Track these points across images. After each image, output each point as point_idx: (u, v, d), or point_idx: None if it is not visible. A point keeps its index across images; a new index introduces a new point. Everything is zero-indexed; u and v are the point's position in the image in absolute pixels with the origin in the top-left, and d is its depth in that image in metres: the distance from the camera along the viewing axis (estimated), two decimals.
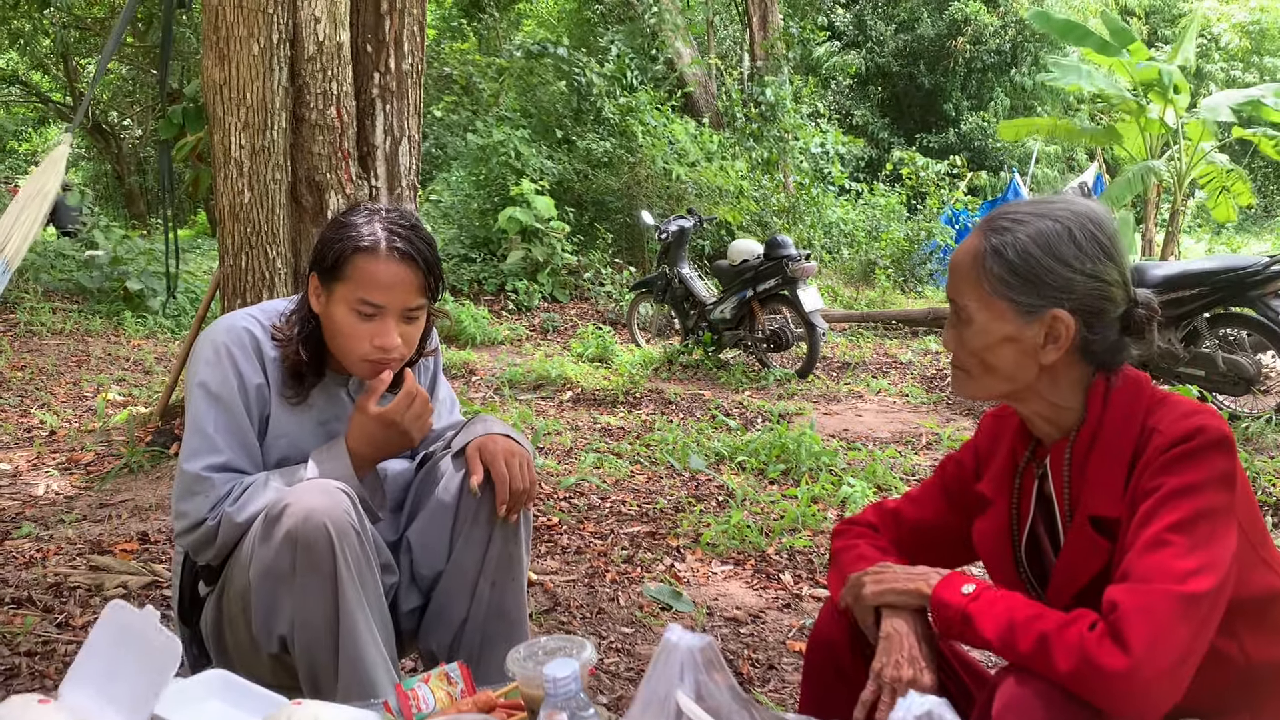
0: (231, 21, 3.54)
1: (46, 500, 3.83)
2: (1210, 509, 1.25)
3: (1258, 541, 1.31)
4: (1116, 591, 1.24)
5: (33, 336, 7.95)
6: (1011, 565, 1.53)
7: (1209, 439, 1.27)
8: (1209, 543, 1.24)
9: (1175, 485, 1.27)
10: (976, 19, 18.12)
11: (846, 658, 1.54)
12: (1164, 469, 1.29)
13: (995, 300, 1.37)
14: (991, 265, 1.37)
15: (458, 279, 10.50)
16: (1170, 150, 11.66)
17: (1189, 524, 1.24)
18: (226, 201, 3.71)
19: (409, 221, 1.80)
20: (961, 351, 1.43)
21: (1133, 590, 1.23)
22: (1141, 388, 1.40)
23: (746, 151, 12.50)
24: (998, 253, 1.37)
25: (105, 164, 21.60)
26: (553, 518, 3.69)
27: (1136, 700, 1.19)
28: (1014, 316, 1.36)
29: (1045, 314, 1.35)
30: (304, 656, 1.69)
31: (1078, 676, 1.20)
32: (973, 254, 1.39)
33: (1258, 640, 1.31)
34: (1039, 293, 1.35)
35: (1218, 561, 1.23)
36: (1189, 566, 1.22)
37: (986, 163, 17.44)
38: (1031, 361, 1.38)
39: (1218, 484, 1.27)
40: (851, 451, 4.85)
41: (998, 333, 1.37)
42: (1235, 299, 5.07)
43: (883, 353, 8.25)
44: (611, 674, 2.51)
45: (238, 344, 1.80)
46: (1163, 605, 1.21)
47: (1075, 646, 1.21)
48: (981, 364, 1.41)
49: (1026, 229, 1.36)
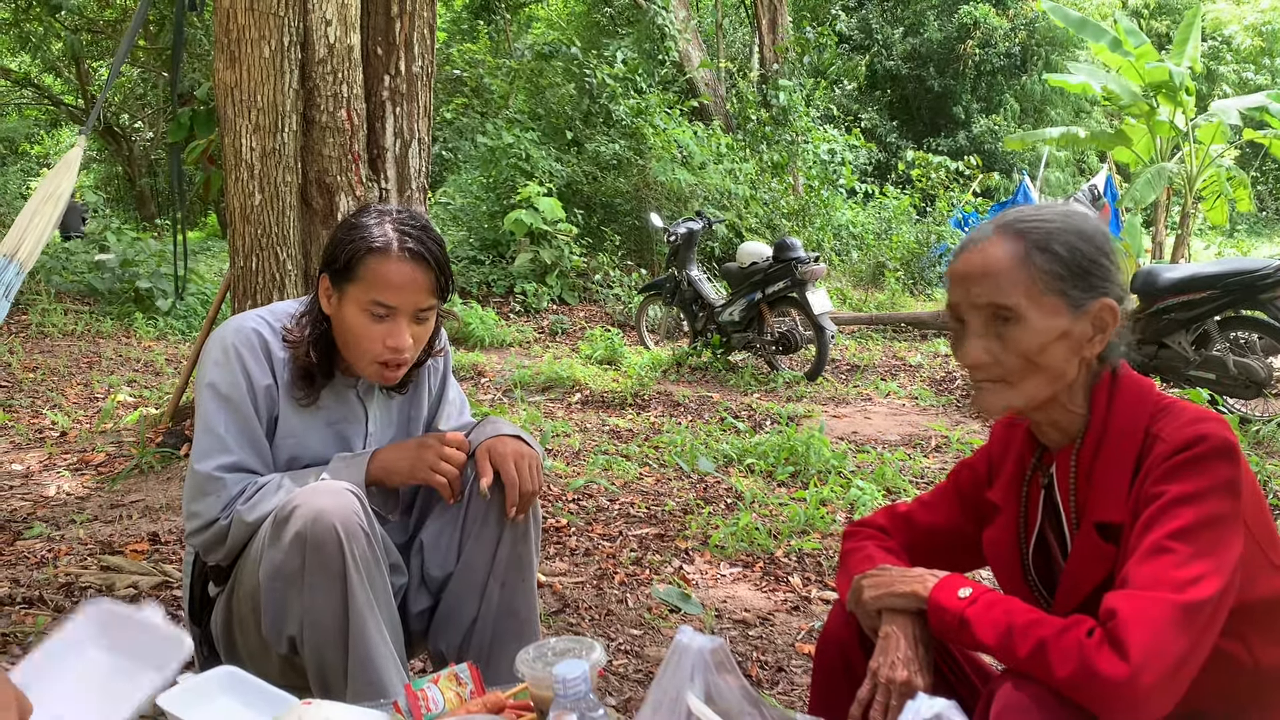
0: (243, 24, 3.56)
1: (58, 500, 3.85)
2: (1213, 516, 1.25)
3: (1267, 545, 1.31)
4: (1115, 598, 1.24)
5: (44, 338, 8.00)
6: (1020, 573, 1.53)
7: (1212, 446, 1.27)
8: (1211, 551, 1.23)
9: (1177, 493, 1.26)
10: (986, 22, 18.07)
11: (856, 658, 1.54)
12: (1166, 476, 1.28)
13: (1048, 297, 1.35)
14: (1041, 261, 1.35)
15: (466, 281, 10.52)
16: (1180, 153, 11.63)
17: (1190, 532, 1.24)
18: (237, 203, 3.72)
19: (419, 222, 1.80)
20: (1006, 357, 1.38)
21: (1131, 597, 1.23)
22: (1145, 392, 1.40)
23: (756, 155, 12.50)
24: (1044, 249, 1.36)
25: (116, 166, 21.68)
26: (561, 519, 3.69)
27: (1133, 707, 1.18)
28: (1067, 310, 1.36)
29: (1093, 305, 1.36)
30: (313, 657, 1.69)
31: (1075, 683, 1.20)
32: (1012, 255, 1.37)
33: (1266, 643, 1.31)
34: (1089, 284, 1.36)
35: (1219, 569, 1.23)
36: (1189, 574, 1.21)
37: (997, 165, 17.37)
38: (1076, 357, 1.38)
39: (1221, 491, 1.26)
40: (860, 454, 4.84)
41: (1053, 329, 1.35)
42: (1246, 302, 5.04)
43: (892, 355, 8.24)
44: (620, 675, 2.51)
45: (246, 345, 1.81)
46: (1162, 613, 1.20)
47: (1073, 653, 1.21)
48: (1029, 366, 1.37)
49: (1059, 224, 1.37)
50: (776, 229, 11.53)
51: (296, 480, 1.79)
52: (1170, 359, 5.30)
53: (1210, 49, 21.01)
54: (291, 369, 1.84)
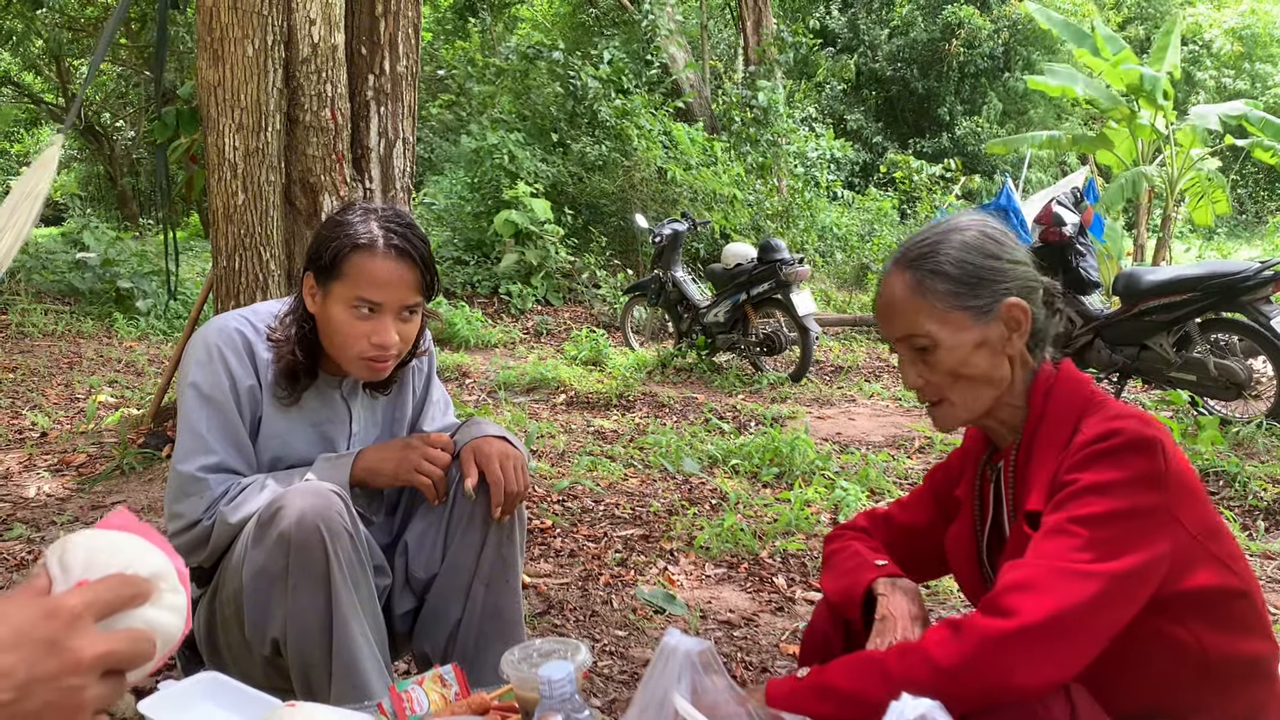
0: (226, 23, 3.54)
1: (38, 502, 3.82)
2: (1125, 509, 1.26)
3: (1205, 537, 1.32)
4: (1006, 569, 1.28)
5: (24, 338, 7.92)
6: (976, 567, 1.57)
7: (1126, 440, 1.29)
8: (1113, 539, 1.25)
9: (1088, 481, 1.29)
10: (969, 23, 18.16)
11: (840, 654, 1.55)
12: (1079, 465, 1.31)
13: (951, 314, 1.41)
14: (934, 285, 1.41)
15: (451, 282, 10.49)
16: (1161, 156, 11.72)
17: (1095, 520, 1.26)
18: (220, 203, 3.70)
19: (405, 220, 1.80)
20: (934, 377, 1.44)
21: (1018, 566, 1.27)
22: (1080, 388, 1.43)
23: (741, 156, 12.52)
24: (934, 273, 1.42)
25: (98, 166, 21.54)
26: (546, 520, 3.69)
27: (1030, 660, 1.20)
28: (974, 321, 1.41)
29: (999, 308, 1.41)
30: (297, 658, 1.69)
31: (965, 659, 1.21)
32: (907, 287, 1.43)
33: (1215, 636, 1.32)
34: (987, 291, 1.41)
35: (1119, 554, 1.24)
36: (1084, 556, 1.24)
37: (980, 167, 17.47)
38: (1001, 358, 1.43)
39: (1136, 485, 1.27)
40: (844, 455, 4.85)
41: (967, 342, 1.41)
42: (1226, 304, 5.08)
43: (875, 357, 8.27)
44: (605, 677, 2.51)
45: (229, 345, 1.80)
46: (1047, 576, 1.23)
47: (949, 637, 1.24)
48: (960, 380, 1.43)
49: (947, 245, 1.43)
50: (761, 230, 11.55)
51: (280, 481, 1.78)
52: (1151, 360, 5.33)
53: (1190, 53, 21.17)
54: (276, 368, 1.83)
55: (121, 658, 0.75)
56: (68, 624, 0.73)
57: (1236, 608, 1.35)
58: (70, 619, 0.73)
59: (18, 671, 0.69)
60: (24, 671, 0.69)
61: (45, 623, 0.72)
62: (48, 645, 0.71)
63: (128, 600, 0.79)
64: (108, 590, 0.78)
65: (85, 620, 0.74)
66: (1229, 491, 4.02)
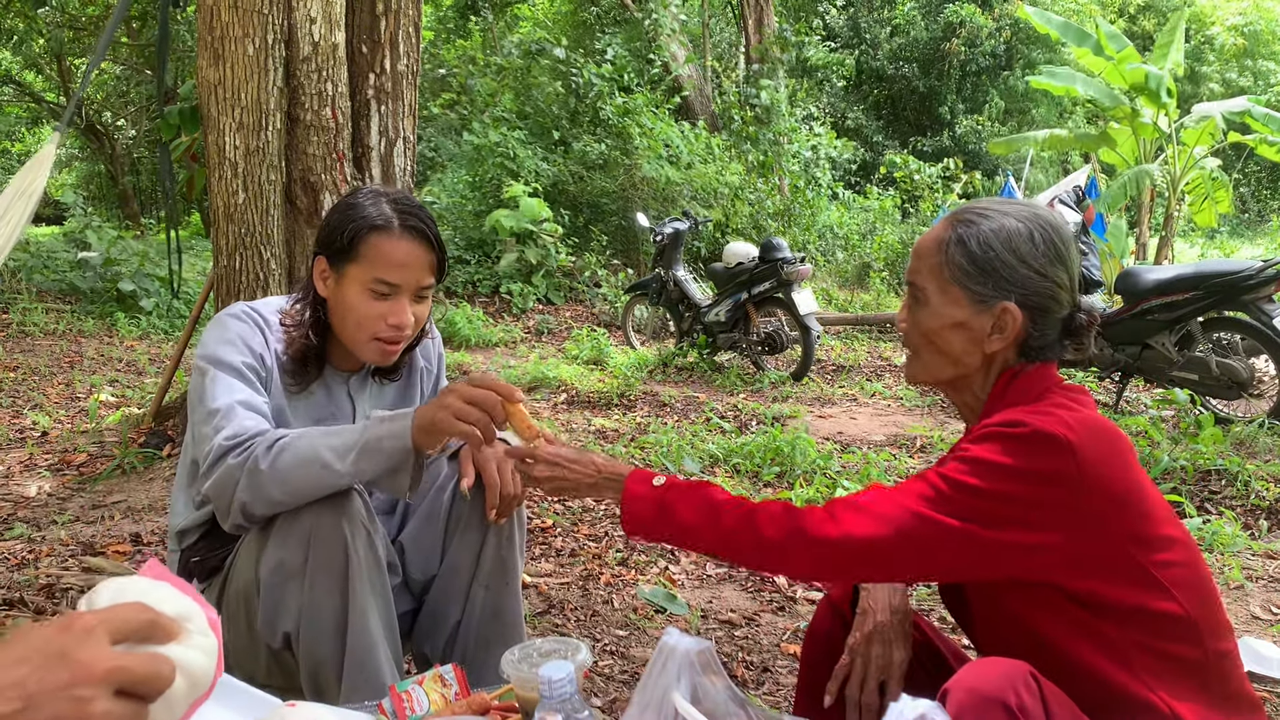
0: (226, 22, 3.53)
1: (39, 501, 3.82)
2: (992, 491, 1.27)
3: (1136, 549, 1.28)
4: (870, 487, 1.37)
5: (25, 337, 7.93)
6: None
7: (1030, 431, 1.28)
8: (978, 509, 1.27)
9: (973, 454, 1.31)
10: (971, 21, 18.14)
11: (842, 651, 1.56)
12: (977, 439, 1.34)
13: (952, 286, 1.42)
14: (954, 253, 1.42)
15: (452, 280, 10.48)
16: (1163, 154, 11.70)
17: (960, 486, 1.29)
18: (221, 202, 3.70)
19: (415, 201, 1.80)
20: (914, 331, 1.49)
21: (879, 488, 1.35)
22: (1037, 384, 1.42)
23: (742, 154, 12.51)
24: (961, 242, 1.42)
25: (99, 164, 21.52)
26: (547, 520, 3.69)
27: (831, 565, 1.32)
28: (967, 304, 1.42)
29: (996, 305, 1.40)
30: (308, 654, 1.68)
31: (779, 543, 1.32)
32: (937, 240, 1.45)
33: (1146, 659, 1.27)
34: (993, 284, 1.40)
35: (967, 521, 1.27)
36: (926, 502, 1.29)
37: (981, 166, 17.45)
38: (977, 349, 1.43)
39: (1025, 477, 1.27)
40: (846, 454, 4.85)
41: (950, 317, 1.43)
42: (1229, 303, 5.08)
43: (877, 356, 8.26)
44: (606, 676, 2.51)
45: (247, 325, 1.80)
46: (883, 505, 1.31)
47: (780, 517, 1.34)
48: (930, 345, 1.46)
49: (990, 223, 1.42)
50: (762, 229, 11.54)
51: (328, 436, 1.65)
52: (1153, 359, 5.33)
53: (1192, 49, 21.14)
54: (287, 354, 1.82)
55: (136, 676, 0.74)
56: (80, 637, 0.73)
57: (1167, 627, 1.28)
58: (83, 632, 0.73)
59: (28, 682, 0.69)
60: (34, 682, 0.69)
61: (58, 636, 0.73)
62: (58, 656, 0.71)
63: (146, 626, 0.78)
64: (125, 610, 0.78)
65: (98, 634, 0.74)
66: (1230, 491, 4.01)
